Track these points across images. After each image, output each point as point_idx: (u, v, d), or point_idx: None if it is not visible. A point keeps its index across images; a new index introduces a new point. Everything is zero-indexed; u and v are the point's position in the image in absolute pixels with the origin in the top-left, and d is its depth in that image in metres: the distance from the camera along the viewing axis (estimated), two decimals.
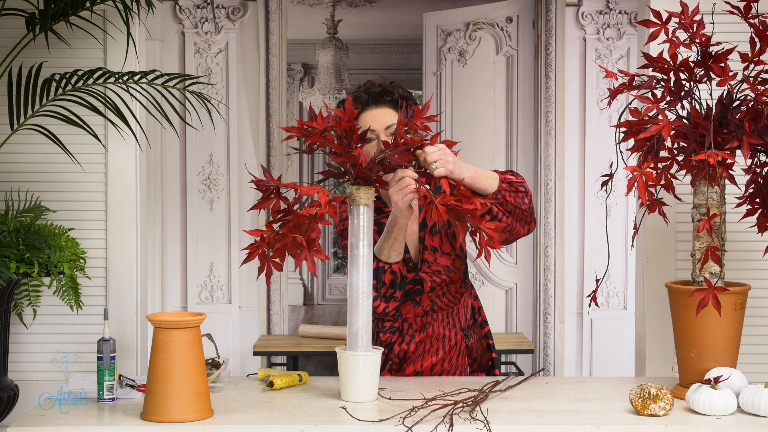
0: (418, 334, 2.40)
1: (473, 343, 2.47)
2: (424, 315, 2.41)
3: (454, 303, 2.44)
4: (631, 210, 4.98)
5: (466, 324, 2.46)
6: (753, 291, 2.27)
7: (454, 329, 2.43)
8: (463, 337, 2.44)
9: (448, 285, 2.41)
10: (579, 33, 5.04)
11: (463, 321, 2.44)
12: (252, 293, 4.99)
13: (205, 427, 1.89)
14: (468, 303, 2.48)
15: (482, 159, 5.17)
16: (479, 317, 2.52)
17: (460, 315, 2.44)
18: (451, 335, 2.42)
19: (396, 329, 2.41)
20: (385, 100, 2.34)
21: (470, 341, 2.46)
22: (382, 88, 2.35)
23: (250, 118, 4.97)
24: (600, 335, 5.08)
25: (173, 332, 1.90)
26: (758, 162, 2.14)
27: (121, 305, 3.02)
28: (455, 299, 2.44)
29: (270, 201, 1.99)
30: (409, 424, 1.87)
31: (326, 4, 7.14)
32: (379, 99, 2.33)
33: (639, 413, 1.96)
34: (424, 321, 2.41)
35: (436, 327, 2.41)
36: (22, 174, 2.99)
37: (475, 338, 2.49)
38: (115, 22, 2.95)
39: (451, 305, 2.43)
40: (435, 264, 2.37)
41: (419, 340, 2.40)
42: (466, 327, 2.45)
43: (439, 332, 2.41)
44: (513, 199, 2.22)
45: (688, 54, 2.44)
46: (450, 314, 2.43)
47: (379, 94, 2.33)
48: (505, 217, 2.22)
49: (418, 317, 2.41)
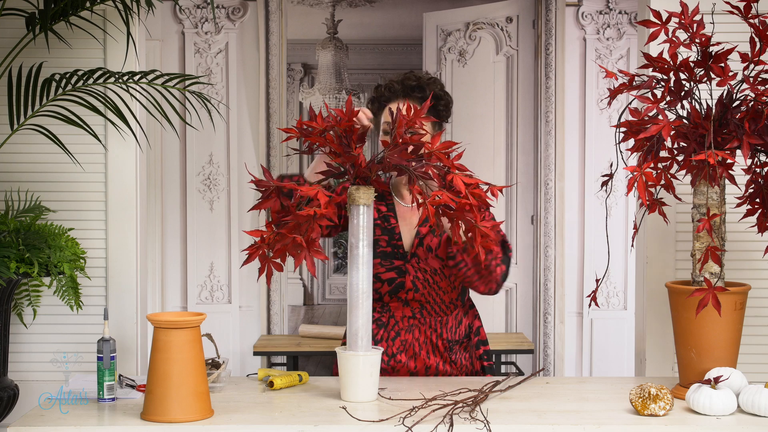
0: (404, 333, 2.40)
1: (459, 358, 2.45)
2: (412, 317, 2.41)
3: (445, 314, 2.43)
4: (631, 210, 4.98)
5: (453, 339, 2.44)
6: (753, 291, 2.27)
7: (441, 338, 2.42)
8: (446, 349, 2.43)
9: (436, 291, 2.40)
10: (579, 33, 5.04)
11: (450, 334, 2.44)
12: (252, 293, 4.99)
13: (205, 427, 1.88)
14: (461, 319, 2.47)
15: (482, 159, 5.17)
16: (476, 337, 2.50)
17: (449, 327, 2.44)
18: (435, 345, 2.42)
19: (382, 324, 2.42)
20: (416, 96, 2.33)
21: (455, 356, 2.44)
22: (419, 83, 2.34)
23: (250, 118, 4.97)
24: (600, 335, 5.08)
25: (173, 332, 1.90)
26: (758, 162, 2.14)
27: (121, 305, 3.02)
28: (447, 310, 2.43)
29: (270, 201, 1.99)
30: (409, 424, 1.86)
31: (326, 4, 7.14)
32: (410, 94, 2.33)
33: (639, 413, 1.96)
34: (411, 323, 2.41)
35: (421, 332, 2.41)
36: (22, 174, 2.99)
37: (465, 356, 2.47)
38: (115, 22, 2.95)
39: (441, 315, 2.43)
40: (424, 262, 2.38)
41: (404, 339, 2.40)
42: (452, 341, 2.44)
43: (423, 339, 2.41)
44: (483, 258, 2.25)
45: (688, 54, 2.44)
46: (440, 323, 2.43)
47: (411, 88, 2.33)
48: (465, 268, 2.28)
49: (405, 317, 2.41)
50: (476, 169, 5.06)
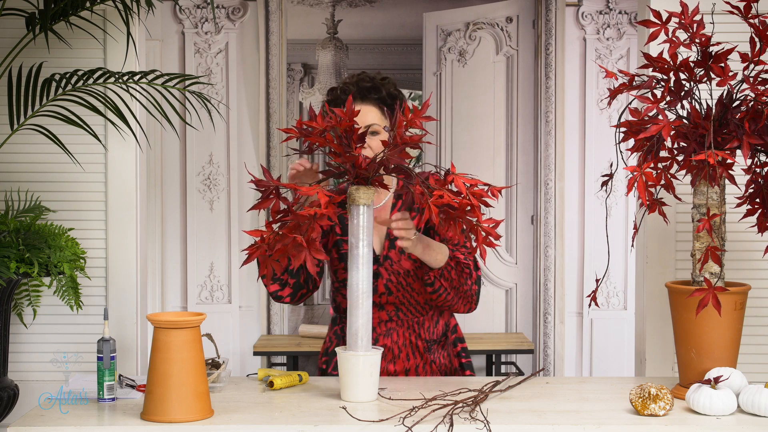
0: (382, 339, 2.40)
1: (437, 357, 2.45)
2: (389, 320, 2.41)
3: (421, 314, 2.43)
4: (631, 210, 4.98)
5: (431, 338, 2.44)
6: (753, 291, 2.27)
7: (420, 338, 2.42)
8: (425, 350, 2.43)
9: (410, 293, 2.40)
10: (579, 33, 5.04)
11: (427, 335, 2.44)
12: (252, 293, 4.99)
13: (205, 427, 1.89)
14: (437, 319, 2.46)
15: (482, 159, 5.17)
16: (453, 335, 2.51)
17: (425, 327, 2.44)
18: (415, 345, 2.41)
19: None
20: (372, 98, 2.33)
21: (433, 356, 2.44)
22: (373, 83, 2.34)
23: (250, 118, 4.97)
24: (600, 335, 5.08)
25: (173, 332, 1.90)
26: (758, 162, 2.14)
27: (121, 305, 3.02)
28: (423, 311, 2.43)
29: (270, 201, 1.99)
30: (409, 424, 1.86)
31: (326, 4, 7.14)
32: (366, 96, 2.33)
33: (639, 413, 1.96)
34: (389, 327, 2.41)
35: (400, 334, 2.41)
36: (22, 174, 2.99)
37: (443, 354, 2.47)
38: (115, 22, 2.95)
39: (417, 315, 2.43)
40: (397, 264, 2.38)
41: (382, 344, 2.39)
42: (430, 341, 2.44)
43: (402, 341, 2.41)
44: (458, 278, 2.30)
45: (688, 54, 2.44)
46: (417, 324, 2.43)
47: (367, 90, 2.33)
48: (445, 293, 2.31)
49: (382, 322, 2.41)
50: (476, 169, 5.11)
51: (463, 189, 1.97)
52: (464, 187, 1.97)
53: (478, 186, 1.99)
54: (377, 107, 2.33)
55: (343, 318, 2.43)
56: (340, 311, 2.48)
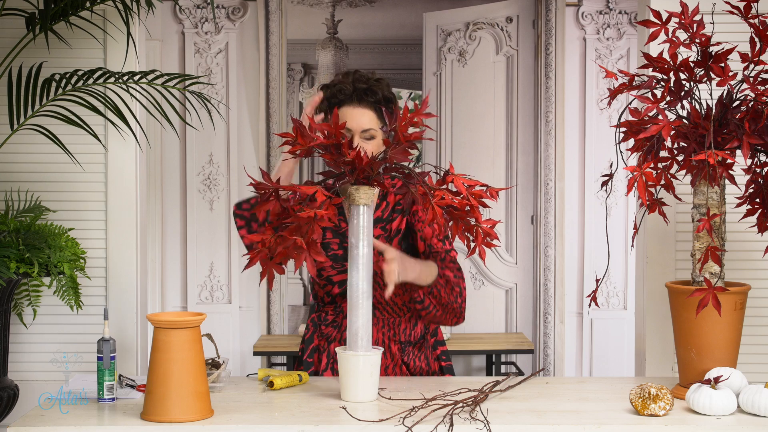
0: None
1: (412, 359, 2.43)
2: None
3: (398, 315, 2.42)
4: (631, 210, 4.98)
5: (406, 340, 2.43)
6: (753, 291, 2.27)
7: (394, 339, 2.42)
8: (399, 350, 2.42)
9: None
10: (579, 33, 5.05)
11: (403, 336, 2.43)
12: (252, 293, 4.99)
13: (205, 427, 1.89)
14: (414, 321, 2.45)
15: (482, 159, 5.18)
16: (432, 338, 2.49)
17: (401, 329, 2.43)
18: (387, 346, 2.41)
19: (336, 325, 2.43)
20: (368, 100, 2.33)
21: (407, 357, 2.42)
22: (368, 85, 2.34)
23: (250, 118, 4.97)
24: (600, 335, 5.08)
25: (173, 332, 1.90)
26: (758, 162, 2.14)
27: (121, 305, 3.02)
28: (400, 312, 2.42)
29: (269, 204, 1.99)
30: (409, 424, 1.87)
31: (326, 4, 7.14)
32: (363, 98, 2.33)
33: (639, 413, 1.96)
34: None
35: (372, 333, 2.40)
36: (22, 174, 3.00)
37: (419, 357, 2.45)
38: (115, 22, 2.95)
39: (393, 316, 2.42)
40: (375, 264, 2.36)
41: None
42: (405, 342, 2.43)
43: (377, 339, 2.40)
44: (447, 296, 2.32)
45: (688, 54, 2.44)
46: (392, 324, 2.42)
47: (364, 92, 2.32)
48: (434, 310, 2.33)
49: None
50: (476, 169, 5.11)
51: (463, 189, 1.97)
52: (464, 187, 1.97)
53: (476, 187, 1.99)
54: (372, 110, 2.33)
55: (321, 307, 2.48)
56: (317, 299, 2.52)
